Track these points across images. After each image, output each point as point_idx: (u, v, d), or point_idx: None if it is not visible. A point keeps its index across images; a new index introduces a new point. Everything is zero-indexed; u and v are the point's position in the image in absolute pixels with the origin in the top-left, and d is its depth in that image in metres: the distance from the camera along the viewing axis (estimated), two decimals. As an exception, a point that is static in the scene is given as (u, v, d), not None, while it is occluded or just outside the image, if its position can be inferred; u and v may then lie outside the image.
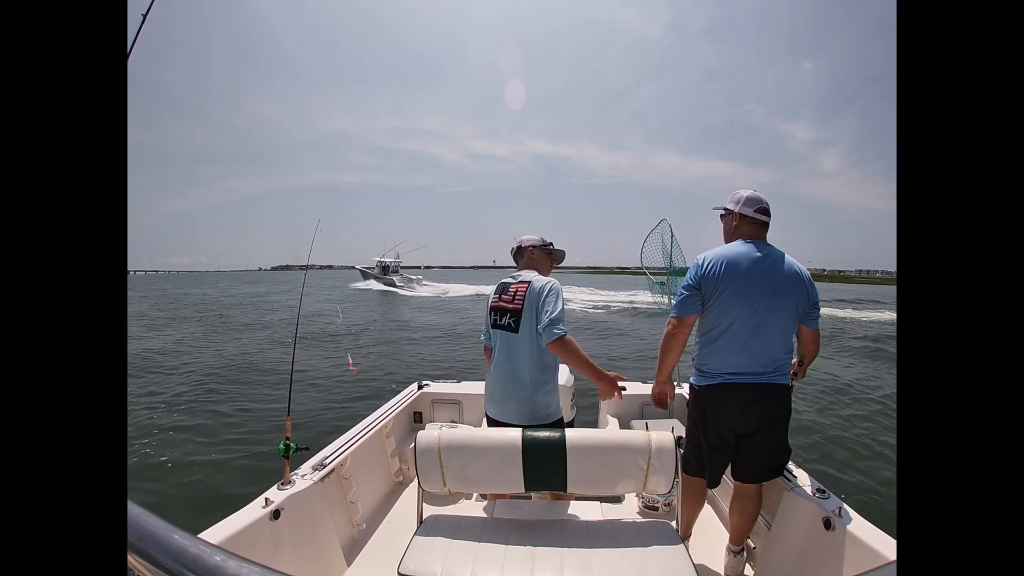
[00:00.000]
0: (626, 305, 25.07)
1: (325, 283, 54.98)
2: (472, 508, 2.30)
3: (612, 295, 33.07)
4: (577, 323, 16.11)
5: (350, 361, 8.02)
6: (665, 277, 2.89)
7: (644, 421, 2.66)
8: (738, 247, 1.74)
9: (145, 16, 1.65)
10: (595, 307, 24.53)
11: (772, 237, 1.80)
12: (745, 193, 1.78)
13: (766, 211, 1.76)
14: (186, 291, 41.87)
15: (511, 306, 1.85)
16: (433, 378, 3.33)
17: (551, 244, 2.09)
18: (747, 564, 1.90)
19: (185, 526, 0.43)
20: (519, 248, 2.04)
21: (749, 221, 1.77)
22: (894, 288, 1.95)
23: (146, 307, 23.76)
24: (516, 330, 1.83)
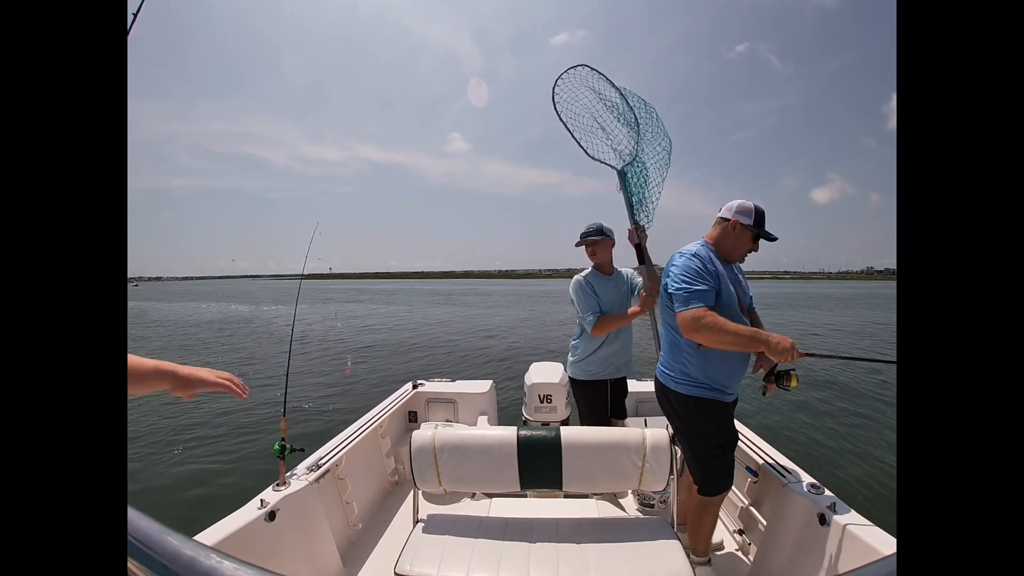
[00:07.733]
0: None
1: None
2: (468, 507, 2.30)
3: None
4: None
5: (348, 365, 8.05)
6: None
7: (642, 418, 2.66)
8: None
9: (136, 14, 1.63)
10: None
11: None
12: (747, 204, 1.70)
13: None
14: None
15: None
16: (427, 377, 3.33)
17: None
18: (744, 559, 1.91)
19: (178, 528, 0.43)
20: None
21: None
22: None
23: None
24: None
